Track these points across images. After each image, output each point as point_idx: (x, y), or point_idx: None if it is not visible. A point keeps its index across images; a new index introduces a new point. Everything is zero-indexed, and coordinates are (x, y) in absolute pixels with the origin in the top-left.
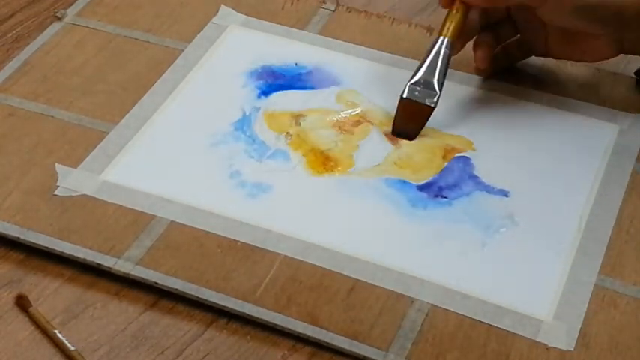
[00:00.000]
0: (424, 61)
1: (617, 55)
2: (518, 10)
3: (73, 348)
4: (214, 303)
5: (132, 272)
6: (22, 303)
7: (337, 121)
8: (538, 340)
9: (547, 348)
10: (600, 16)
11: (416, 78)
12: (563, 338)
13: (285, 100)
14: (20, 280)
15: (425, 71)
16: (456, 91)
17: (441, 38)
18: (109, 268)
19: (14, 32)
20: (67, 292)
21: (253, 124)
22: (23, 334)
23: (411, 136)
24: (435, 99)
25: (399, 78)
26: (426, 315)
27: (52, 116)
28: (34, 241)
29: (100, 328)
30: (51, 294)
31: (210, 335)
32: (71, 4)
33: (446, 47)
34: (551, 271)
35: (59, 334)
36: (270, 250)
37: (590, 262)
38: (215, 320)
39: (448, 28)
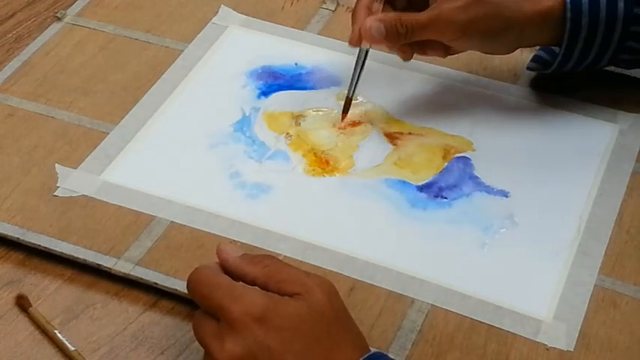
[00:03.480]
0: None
1: (512, 52)
2: None
3: (73, 348)
4: None
5: (132, 273)
6: (22, 303)
7: (337, 121)
8: (538, 340)
9: (547, 348)
10: (504, 38)
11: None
12: (563, 338)
13: (285, 100)
14: (20, 280)
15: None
16: (455, 91)
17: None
18: (108, 268)
19: (14, 32)
20: (67, 292)
21: (253, 124)
22: (23, 334)
23: None
24: None
25: (399, 78)
26: (426, 315)
27: (52, 116)
28: (34, 241)
29: (100, 328)
30: (51, 294)
31: None
32: (71, 5)
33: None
34: (550, 271)
35: (59, 334)
36: (270, 251)
37: (590, 262)
38: None
39: None
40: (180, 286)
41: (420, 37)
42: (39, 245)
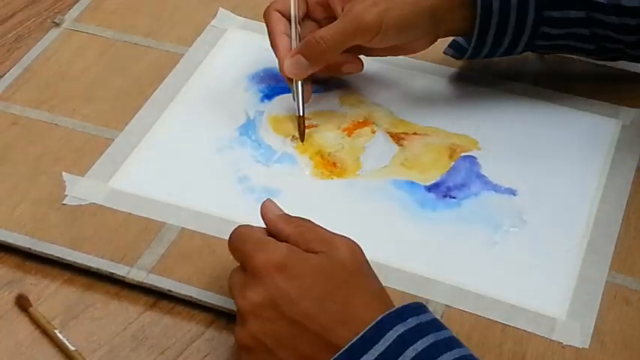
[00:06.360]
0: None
1: (433, 43)
2: None
3: (73, 348)
4: (232, 311)
5: (145, 281)
6: (22, 303)
7: (342, 123)
8: (553, 338)
9: (563, 347)
10: (419, 25)
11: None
12: (577, 336)
13: (289, 103)
14: (20, 281)
15: None
16: (459, 90)
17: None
18: (122, 277)
19: (14, 32)
20: (67, 292)
21: (258, 128)
22: (23, 334)
23: None
24: None
25: (402, 78)
26: (441, 316)
27: (56, 124)
28: (46, 251)
29: (100, 328)
30: (51, 294)
31: (210, 335)
32: (71, 6)
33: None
34: (562, 269)
35: (59, 334)
36: None
37: (601, 259)
38: (215, 320)
39: None
40: (195, 293)
41: (343, 44)
42: (51, 255)
